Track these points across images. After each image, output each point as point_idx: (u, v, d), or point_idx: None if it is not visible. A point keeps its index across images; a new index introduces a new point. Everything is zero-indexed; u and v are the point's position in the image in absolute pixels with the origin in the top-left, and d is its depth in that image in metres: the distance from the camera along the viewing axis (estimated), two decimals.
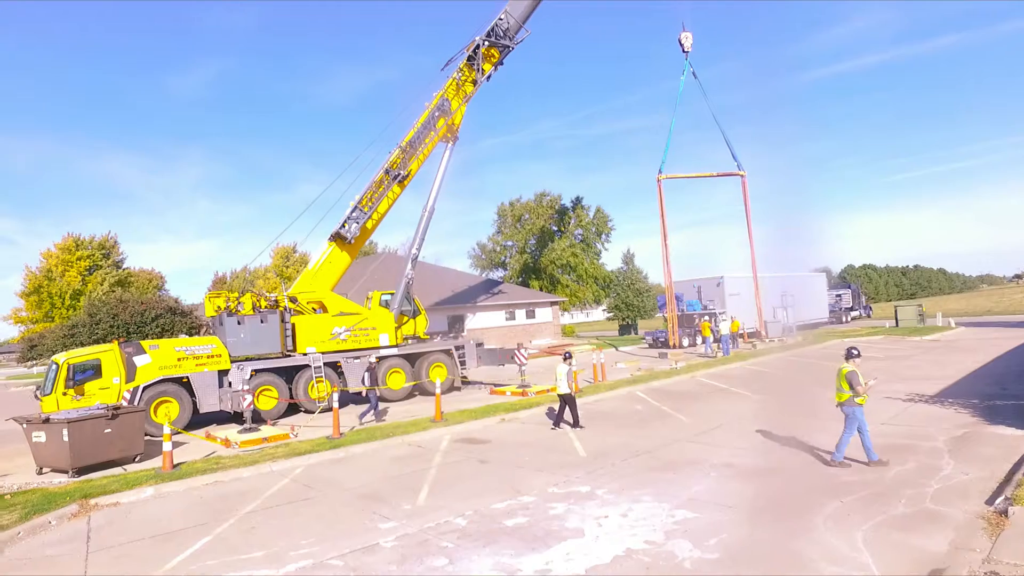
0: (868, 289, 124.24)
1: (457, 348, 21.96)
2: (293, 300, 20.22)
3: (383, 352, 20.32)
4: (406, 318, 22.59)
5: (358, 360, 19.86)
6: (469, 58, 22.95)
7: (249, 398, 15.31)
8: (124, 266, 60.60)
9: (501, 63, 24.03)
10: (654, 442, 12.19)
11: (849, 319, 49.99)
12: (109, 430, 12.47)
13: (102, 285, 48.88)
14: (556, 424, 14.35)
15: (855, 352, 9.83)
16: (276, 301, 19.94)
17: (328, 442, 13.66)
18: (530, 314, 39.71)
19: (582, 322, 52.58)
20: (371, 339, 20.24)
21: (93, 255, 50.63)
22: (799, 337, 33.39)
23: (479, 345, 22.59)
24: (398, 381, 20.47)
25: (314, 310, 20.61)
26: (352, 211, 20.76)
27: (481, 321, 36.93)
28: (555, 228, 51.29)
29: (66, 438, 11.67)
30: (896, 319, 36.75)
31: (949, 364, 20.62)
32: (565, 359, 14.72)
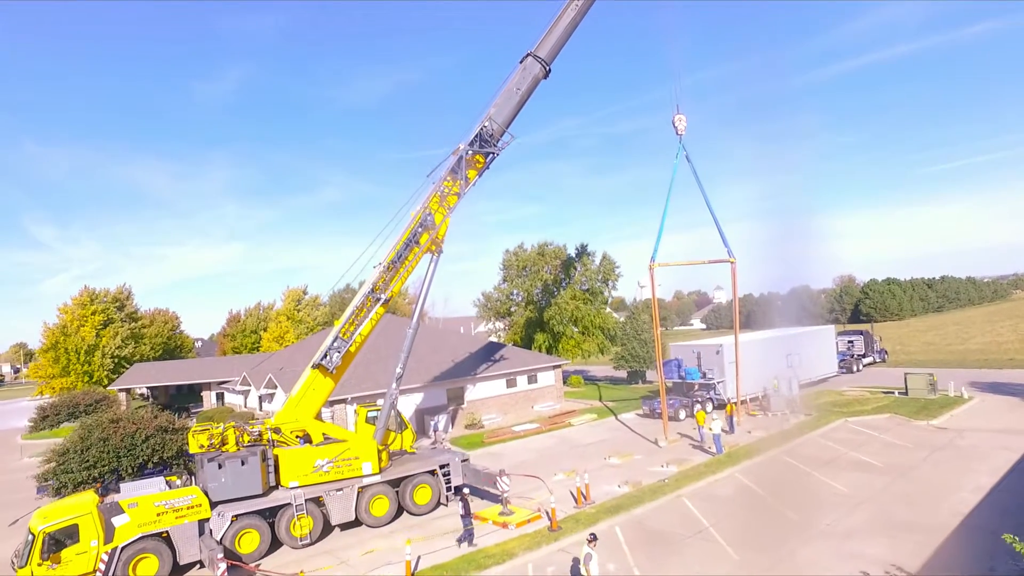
0: (891, 306, 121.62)
1: (442, 467, 21.90)
2: (276, 431, 20.40)
3: (365, 481, 20.38)
4: (392, 434, 22.65)
5: (340, 492, 19.96)
6: (453, 169, 22.88)
7: (223, 567, 15.43)
8: (140, 310, 62.06)
9: (487, 167, 23.95)
10: None
11: (862, 367, 48.84)
12: None
13: (115, 339, 50.00)
14: None
15: None
16: (259, 434, 20.16)
17: None
18: (532, 379, 39.53)
19: (591, 358, 52.12)
20: (354, 469, 20.30)
21: (107, 309, 51.81)
22: (802, 414, 32.65)
23: (464, 461, 22.51)
24: (381, 508, 20.50)
25: (298, 438, 20.77)
26: (333, 341, 20.82)
27: (481, 391, 36.88)
28: (561, 275, 50.98)
29: None
30: (906, 387, 35.72)
31: (947, 489, 19.99)
32: (590, 542, 14.48)
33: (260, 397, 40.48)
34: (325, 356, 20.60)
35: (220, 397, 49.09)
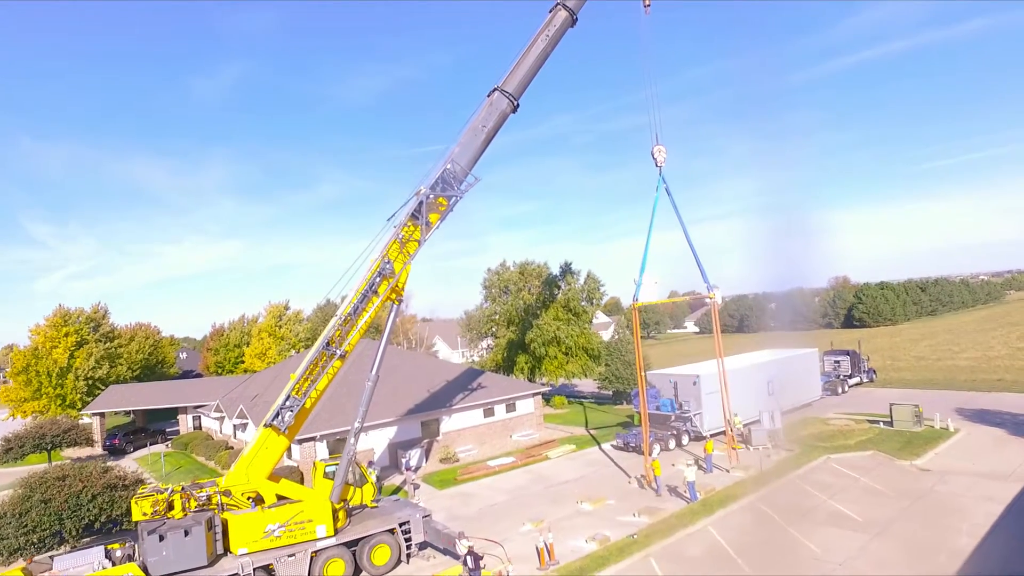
0: (884, 310, 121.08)
1: (401, 525, 21.05)
2: (226, 494, 19.53)
3: (320, 545, 19.54)
4: (351, 489, 21.81)
5: (292, 557, 19.12)
6: (413, 213, 21.99)
7: None
8: (120, 326, 61.06)
9: (451, 210, 23.04)
10: None
11: (848, 388, 48.00)
12: None
13: (89, 360, 48.97)
14: None
15: None
16: (208, 498, 19.29)
17: None
18: (510, 407, 38.69)
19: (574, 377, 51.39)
20: (307, 532, 19.45)
21: (81, 329, 50.76)
22: (784, 449, 31.91)
23: (426, 517, 21.67)
24: (336, 571, 19.69)
25: (249, 500, 19.89)
26: (285, 400, 19.92)
27: (457, 422, 36.03)
28: (545, 294, 50.12)
29: None
30: (891, 418, 34.95)
31: (924, 552, 19.25)
32: None
33: (235, 426, 39.62)
34: (277, 416, 19.72)
35: (197, 420, 48.16)
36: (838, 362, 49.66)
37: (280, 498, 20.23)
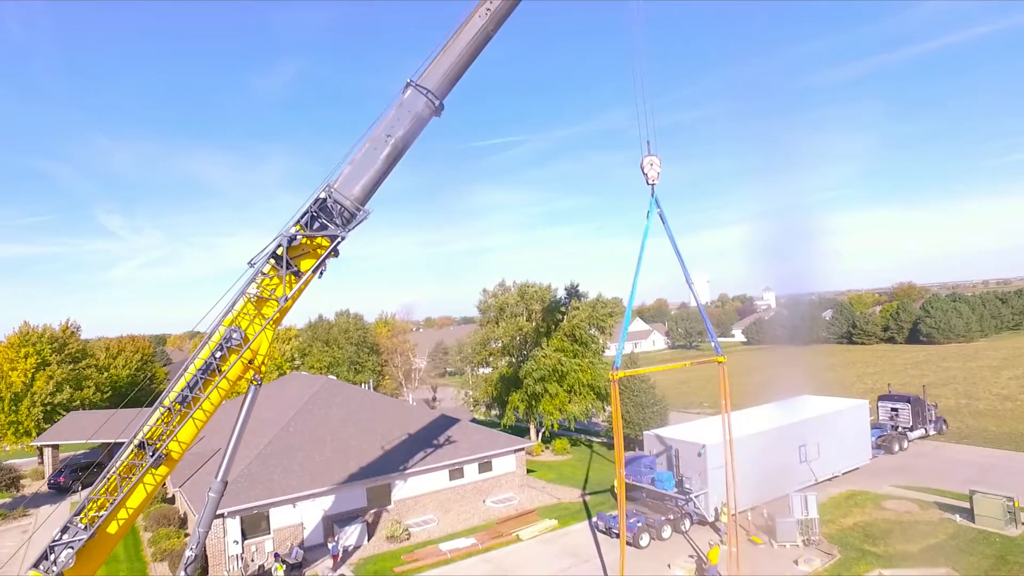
0: (957, 326, 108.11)
1: None
2: None
3: None
4: None
5: None
6: (273, 257, 15.82)
7: None
8: (110, 337, 57.57)
9: (334, 253, 16.75)
10: None
11: (907, 444, 39.20)
12: None
13: (48, 385, 45.21)
14: None
15: None
16: None
17: None
18: (485, 467, 32.25)
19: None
20: None
21: (42, 350, 47.11)
22: (817, 550, 24.37)
23: None
24: None
25: None
26: (61, 534, 14.08)
27: (415, 487, 29.87)
28: (548, 321, 43.40)
29: None
30: (972, 512, 26.62)
31: None
32: None
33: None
34: (43, 559, 13.88)
35: None
36: (896, 410, 40.90)
37: None
